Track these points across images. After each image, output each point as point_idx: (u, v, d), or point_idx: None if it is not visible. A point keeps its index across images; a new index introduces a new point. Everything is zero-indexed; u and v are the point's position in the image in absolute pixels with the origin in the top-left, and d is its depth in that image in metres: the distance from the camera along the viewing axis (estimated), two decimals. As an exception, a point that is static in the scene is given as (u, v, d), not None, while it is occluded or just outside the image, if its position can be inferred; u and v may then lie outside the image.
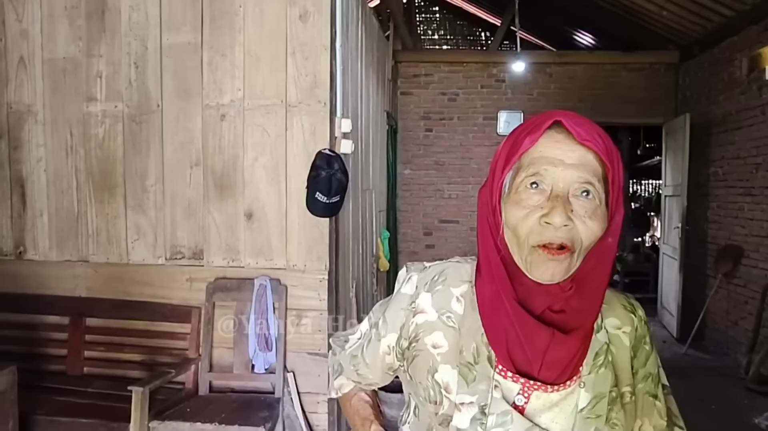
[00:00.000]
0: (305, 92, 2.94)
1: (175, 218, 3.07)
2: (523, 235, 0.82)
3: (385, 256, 5.07)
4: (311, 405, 2.98)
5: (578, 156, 0.81)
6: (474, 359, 0.88)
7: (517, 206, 0.84)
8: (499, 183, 0.87)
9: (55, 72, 3.17)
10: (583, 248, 0.81)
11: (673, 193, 5.95)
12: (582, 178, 0.81)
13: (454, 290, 0.94)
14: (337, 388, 1.16)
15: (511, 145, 0.88)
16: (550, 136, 0.83)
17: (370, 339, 1.04)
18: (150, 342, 3.06)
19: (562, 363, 0.84)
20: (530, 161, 0.84)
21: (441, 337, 0.92)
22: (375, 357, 1.04)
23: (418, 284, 0.97)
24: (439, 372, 0.91)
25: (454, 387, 0.89)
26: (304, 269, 2.98)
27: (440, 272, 0.96)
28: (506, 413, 0.85)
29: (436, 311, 0.93)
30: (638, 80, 6.29)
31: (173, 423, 2.49)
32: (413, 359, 0.96)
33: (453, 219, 6.50)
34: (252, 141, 2.99)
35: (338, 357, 1.15)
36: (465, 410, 0.87)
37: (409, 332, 0.96)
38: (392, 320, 0.99)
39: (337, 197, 2.89)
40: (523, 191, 0.83)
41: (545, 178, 0.82)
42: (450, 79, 6.44)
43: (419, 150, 6.47)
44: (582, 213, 0.80)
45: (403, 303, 0.98)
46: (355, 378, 1.11)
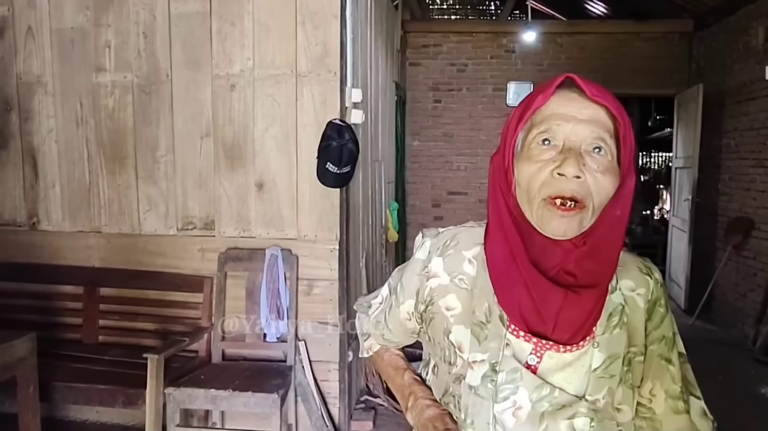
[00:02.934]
0: (315, 62, 2.91)
1: (186, 188, 3.08)
2: (535, 189, 0.83)
3: (393, 227, 5.08)
4: (322, 372, 3.02)
5: (590, 113, 0.83)
6: (486, 318, 0.90)
7: (529, 161, 0.85)
8: (512, 143, 0.88)
9: (63, 42, 3.15)
10: (595, 205, 0.82)
11: (684, 165, 5.90)
12: (594, 133, 0.82)
13: (465, 253, 0.95)
14: (367, 348, 1.20)
15: (524, 106, 0.89)
16: (562, 94, 0.85)
17: (390, 305, 1.06)
18: (163, 311, 3.10)
19: (575, 324, 0.85)
20: (542, 118, 0.85)
21: (454, 299, 0.94)
22: (396, 322, 1.06)
23: (430, 249, 0.99)
24: (453, 332, 0.93)
25: (466, 346, 0.91)
26: (315, 240, 2.99)
27: (452, 237, 0.98)
28: (516, 370, 0.87)
29: (448, 274, 0.95)
30: (651, 50, 6.19)
31: (188, 390, 2.54)
32: (430, 321, 0.99)
33: (462, 191, 6.49)
34: (262, 111, 2.97)
35: (363, 322, 1.18)
36: (477, 368, 0.89)
37: (424, 296, 0.98)
38: (408, 286, 1.02)
39: (347, 167, 2.89)
40: (535, 147, 0.85)
41: (557, 134, 0.83)
42: (459, 49, 6.36)
43: (428, 121, 6.43)
44: (594, 168, 0.81)
45: (416, 269, 1.00)
46: (381, 341, 1.15)
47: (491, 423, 0.87)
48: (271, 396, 2.49)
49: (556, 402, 0.86)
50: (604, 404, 0.87)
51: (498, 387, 0.87)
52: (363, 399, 3.43)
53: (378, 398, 3.46)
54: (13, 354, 2.01)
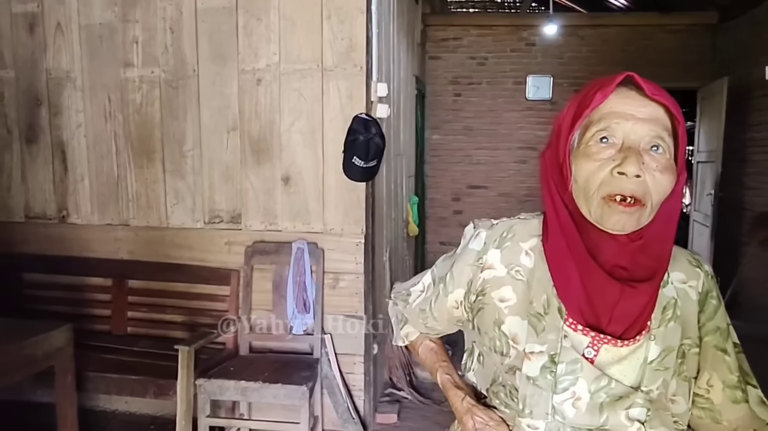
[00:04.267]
0: (341, 56, 2.92)
1: (213, 182, 3.11)
2: (594, 187, 0.84)
3: (414, 221, 5.09)
4: (348, 365, 3.05)
5: (649, 111, 0.83)
6: (544, 310, 0.90)
7: (588, 159, 0.86)
8: (568, 140, 0.89)
9: (92, 38, 3.19)
10: (654, 203, 0.83)
11: (707, 159, 5.83)
12: (653, 131, 0.83)
13: (522, 245, 0.96)
14: (403, 336, 1.21)
15: (579, 102, 0.90)
16: (621, 92, 0.85)
17: (437, 294, 1.07)
18: (190, 303, 3.14)
19: (630, 318, 0.87)
20: (600, 117, 0.86)
21: (509, 291, 0.95)
22: (442, 311, 1.07)
23: (486, 240, 0.99)
24: (506, 323, 0.94)
25: (522, 337, 0.92)
26: (341, 233, 3.01)
27: (509, 229, 0.98)
28: (576, 361, 0.88)
29: (505, 266, 0.96)
30: (674, 43, 6.11)
31: (218, 381, 2.57)
32: (478, 311, 1.00)
33: (482, 185, 6.47)
34: (288, 106, 2.99)
35: (401, 309, 1.19)
36: (535, 359, 0.90)
37: (476, 287, 0.99)
38: (459, 276, 1.02)
39: (374, 161, 2.90)
40: (593, 145, 0.86)
41: (616, 132, 0.84)
42: (479, 43, 6.33)
43: (448, 115, 6.41)
44: (653, 167, 0.82)
45: (470, 259, 1.00)
46: (423, 329, 1.16)
47: (550, 413, 0.88)
48: (300, 388, 2.52)
49: (613, 393, 0.87)
50: (659, 395, 0.88)
51: (557, 378, 0.88)
52: (387, 392, 3.45)
53: (402, 391, 3.47)
54: (52, 344, 2.06)
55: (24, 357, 1.97)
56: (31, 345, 1.99)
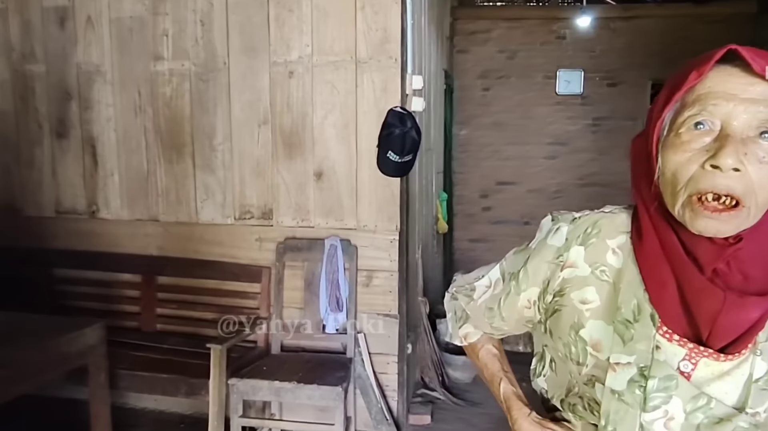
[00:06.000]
0: (375, 48, 2.84)
1: (244, 177, 3.05)
2: (681, 182, 0.73)
3: (443, 218, 5.00)
4: (381, 365, 2.97)
5: (757, 91, 0.70)
6: (633, 316, 0.80)
7: (677, 148, 0.74)
8: (657, 125, 0.77)
9: (122, 31, 3.15)
10: (759, 203, 0.70)
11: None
12: (762, 115, 0.69)
13: (609, 242, 0.85)
14: (462, 336, 1.12)
15: (672, 83, 0.79)
16: (721, 69, 0.73)
17: (508, 292, 0.97)
18: (220, 300, 3.09)
19: (735, 331, 0.75)
20: (696, 98, 0.74)
21: (592, 292, 0.85)
22: (512, 310, 0.97)
23: (568, 236, 0.89)
24: (587, 328, 0.84)
25: (606, 344, 0.82)
26: (375, 230, 2.93)
27: (594, 224, 0.88)
28: (671, 377, 0.78)
29: (589, 265, 0.86)
30: (714, 34, 5.90)
31: (252, 381, 2.51)
32: (554, 313, 0.90)
33: (511, 181, 6.33)
34: (321, 99, 2.92)
35: (463, 305, 1.09)
36: (621, 370, 0.79)
37: (554, 286, 0.89)
38: (534, 274, 0.92)
39: (409, 156, 2.81)
40: (685, 132, 0.73)
41: (714, 115, 0.71)
42: (508, 36, 6.19)
43: (476, 110, 6.28)
44: (760, 157, 0.69)
45: (548, 256, 0.90)
46: (488, 329, 1.06)
47: None
48: (335, 389, 2.44)
49: (712, 414, 0.77)
50: (766, 418, 0.78)
51: (648, 394, 0.78)
52: (419, 392, 3.37)
53: (435, 391, 3.39)
54: (85, 342, 2.01)
55: (58, 355, 1.93)
56: (64, 342, 1.94)
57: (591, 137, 6.23)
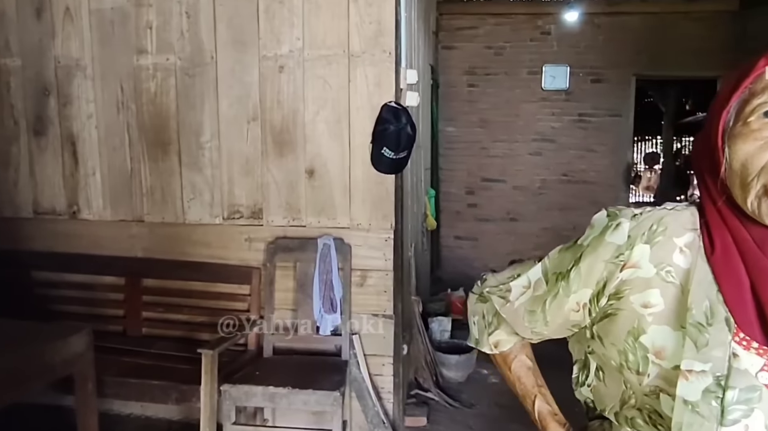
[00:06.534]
0: (369, 41, 2.76)
1: (233, 175, 2.95)
2: (752, 172, 0.69)
3: (431, 215, 4.95)
4: (376, 367, 2.90)
5: None
6: (707, 320, 0.73)
7: (746, 137, 0.70)
8: (723, 116, 0.73)
9: (103, 24, 3.02)
10: None
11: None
12: None
13: (677, 241, 0.79)
14: (493, 344, 1.03)
15: (741, 71, 0.74)
16: None
17: (556, 293, 0.89)
18: (209, 303, 2.99)
19: None
20: (765, 86, 0.70)
21: (656, 295, 0.78)
22: (558, 314, 0.89)
23: (630, 233, 0.81)
24: (649, 334, 0.78)
25: (671, 352, 0.75)
26: (369, 228, 2.86)
27: (659, 221, 0.81)
28: (753, 389, 0.71)
29: (654, 265, 0.79)
30: (698, 30, 5.93)
31: (245, 387, 2.42)
32: (607, 317, 0.83)
33: (498, 178, 6.31)
34: (313, 94, 2.83)
35: (497, 306, 0.99)
36: (694, 379, 0.73)
37: (610, 287, 0.82)
38: (588, 274, 0.84)
39: (404, 152, 2.75)
40: (755, 121, 0.70)
41: None
42: (496, 32, 6.14)
43: (463, 107, 6.23)
44: None
45: (606, 255, 0.83)
46: (527, 334, 0.97)
47: None
48: (332, 394, 2.37)
49: None
50: None
51: (726, 406, 0.71)
52: (413, 393, 3.31)
53: (429, 392, 3.33)
54: (71, 350, 1.90)
55: (42, 365, 1.82)
56: (49, 351, 1.84)
57: (576, 133, 6.23)
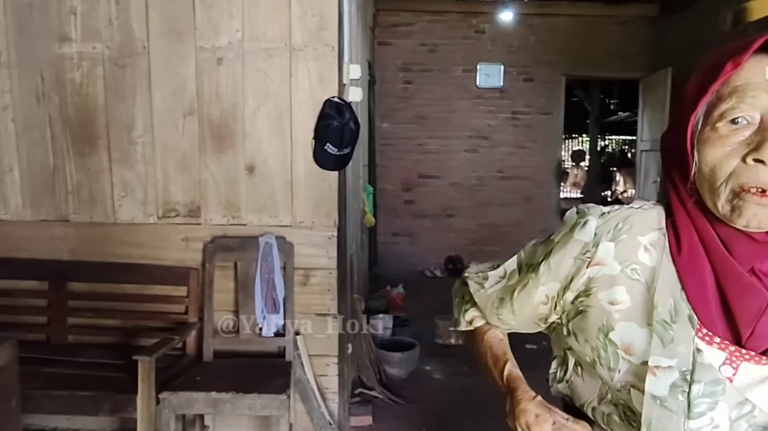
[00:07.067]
0: (311, 35, 2.69)
1: (168, 172, 2.81)
2: (722, 178, 0.70)
3: (370, 212, 4.92)
4: (320, 367, 2.85)
5: None
6: (671, 317, 0.75)
7: (714, 143, 0.71)
8: (691, 119, 0.74)
9: (19, 7, 2.79)
10: None
11: (651, 148, 5.99)
12: None
13: (641, 239, 0.80)
14: (468, 321, 1.04)
15: (705, 74, 0.75)
16: (758, 59, 0.70)
17: (525, 284, 0.90)
18: (143, 306, 2.83)
19: None
20: (732, 89, 0.71)
21: (622, 292, 0.79)
22: (526, 304, 0.91)
23: (597, 231, 0.83)
24: (617, 330, 0.79)
25: (639, 348, 0.77)
26: (312, 226, 2.80)
27: (624, 219, 0.82)
28: (717, 382, 0.73)
29: (619, 263, 0.80)
30: (620, 34, 6.23)
31: (185, 394, 2.31)
32: (577, 314, 0.84)
33: (434, 174, 6.38)
34: (253, 88, 2.73)
35: (471, 290, 1.02)
36: (662, 374, 0.74)
37: (578, 284, 0.83)
38: (557, 268, 0.86)
39: (348, 148, 2.70)
40: (723, 126, 0.71)
41: (754, 108, 0.69)
42: (430, 29, 6.21)
43: (398, 103, 6.26)
44: None
45: (574, 251, 0.84)
46: (494, 321, 1.00)
47: None
48: (279, 397, 2.29)
49: (756, 422, 0.74)
50: None
51: (692, 400, 0.74)
52: (357, 392, 3.28)
53: (373, 390, 3.31)
54: (-7, 364, 1.74)
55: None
56: (-33, 365, 1.67)
57: (510, 131, 6.39)
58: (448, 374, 3.76)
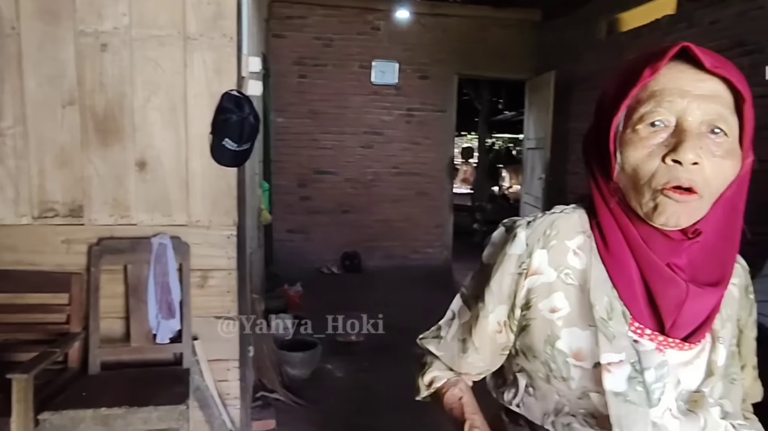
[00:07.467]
0: (207, 23, 2.55)
1: (44, 167, 2.54)
2: (644, 178, 0.74)
3: (266, 209, 4.80)
4: (221, 372, 2.72)
5: (708, 87, 0.72)
6: (608, 314, 0.78)
7: (636, 145, 0.75)
8: (613, 122, 0.77)
9: None
10: (712, 193, 0.73)
11: (536, 146, 6.33)
12: (713, 111, 0.72)
13: (569, 244, 0.83)
14: (427, 383, 0.97)
15: (625, 78, 0.78)
16: (674, 66, 0.74)
17: (477, 316, 0.88)
18: (17, 317, 2.54)
19: (697, 319, 0.78)
20: (650, 94, 0.74)
21: (561, 298, 0.81)
22: (485, 338, 0.89)
23: (528, 241, 0.84)
24: (563, 338, 0.80)
25: (587, 350, 0.78)
26: (209, 225, 2.66)
27: (551, 225, 0.84)
28: (662, 365, 0.78)
29: (554, 269, 0.82)
30: (506, 36, 6.52)
31: (70, 412, 2.10)
32: (523, 330, 0.85)
33: (329, 170, 6.33)
34: (143, 78, 2.54)
35: (432, 348, 0.97)
36: (616, 370, 0.76)
37: (520, 298, 0.84)
38: (499, 290, 0.85)
39: (248, 143, 2.60)
40: (643, 128, 0.74)
41: (670, 112, 0.73)
42: (325, 23, 6.14)
43: (293, 97, 6.14)
44: (713, 151, 0.72)
45: (510, 267, 0.84)
46: (464, 368, 0.94)
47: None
48: (177, 408, 2.15)
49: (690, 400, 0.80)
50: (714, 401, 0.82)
51: (649, 387, 0.77)
52: (259, 396, 3.17)
53: (274, 393, 3.22)
54: None
55: None
56: None
57: (405, 127, 6.48)
58: (350, 372, 3.75)
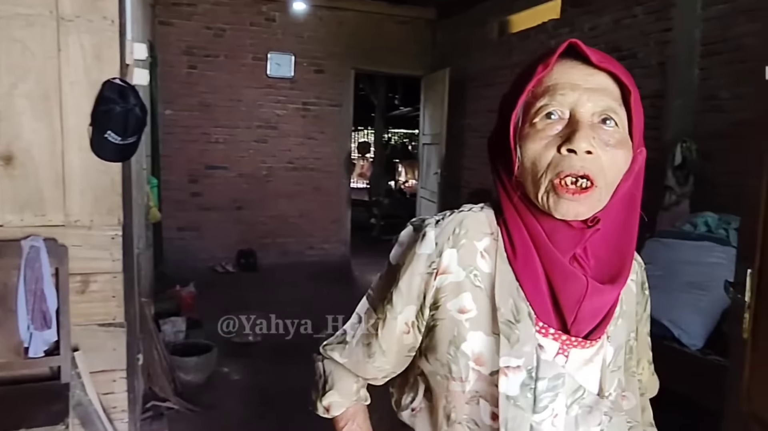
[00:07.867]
0: (85, 4, 2.32)
1: None
2: (541, 169, 0.75)
3: (155, 206, 4.52)
4: (106, 384, 2.51)
5: (597, 81, 0.76)
6: (514, 317, 0.78)
7: (533, 138, 0.76)
8: (513, 117, 0.79)
9: None
10: (608, 182, 0.76)
11: (432, 141, 6.46)
12: (603, 102, 0.75)
13: (477, 245, 0.82)
14: (325, 407, 0.95)
15: (520, 76, 0.80)
16: (565, 63, 0.78)
17: (384, 318, 0.85)
18: None
19: (597, 316, 0.79)
20: (545, 89, 0.77)
21: (469, 299, 0.80)
22: (391, 340, 0.86)
23: (437, 240, 0.82)
24: (468, 341, 0.79)
25: (488, 357, 0.78)
26: (91, 225, 2.44)
27: (459, 224, 0.83)
28: (558, 377, 0.78)
29: (463, 269, 0.81)
30: (402, 33, 6.59)
31: (-76, 441, 1.84)
32: (431, 331, 0.83)
33: (221, 165, 6.09)
34: (8, 61, 2.27)
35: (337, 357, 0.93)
36: (512, 375, 0.76)
37: (429, 299, 0.82)
38: (409, 290, 0.83)
39: (133, 137, 2.41)
40: (539, 121, 0.76)
41: (563, 104, 0.75)
42: (215, 12, 5.88)
43: (182, 89, 5.83)
44: (605, 141, 0.75)
45: (420, 267, 0.82)
46: (371, 374, 0.91)
47: None
48: (55, 429, 1.95)
49: (584, 404, 0.81)
50: (615, 396, 0.84)
51: (538, 395, 0.77)
52: (149, 406, 2.97)
53: (167, 401, 3.03)
54: None
55: None
56: None
57: (300, 121, 6.39)
58: (247, 374, 3.62)
